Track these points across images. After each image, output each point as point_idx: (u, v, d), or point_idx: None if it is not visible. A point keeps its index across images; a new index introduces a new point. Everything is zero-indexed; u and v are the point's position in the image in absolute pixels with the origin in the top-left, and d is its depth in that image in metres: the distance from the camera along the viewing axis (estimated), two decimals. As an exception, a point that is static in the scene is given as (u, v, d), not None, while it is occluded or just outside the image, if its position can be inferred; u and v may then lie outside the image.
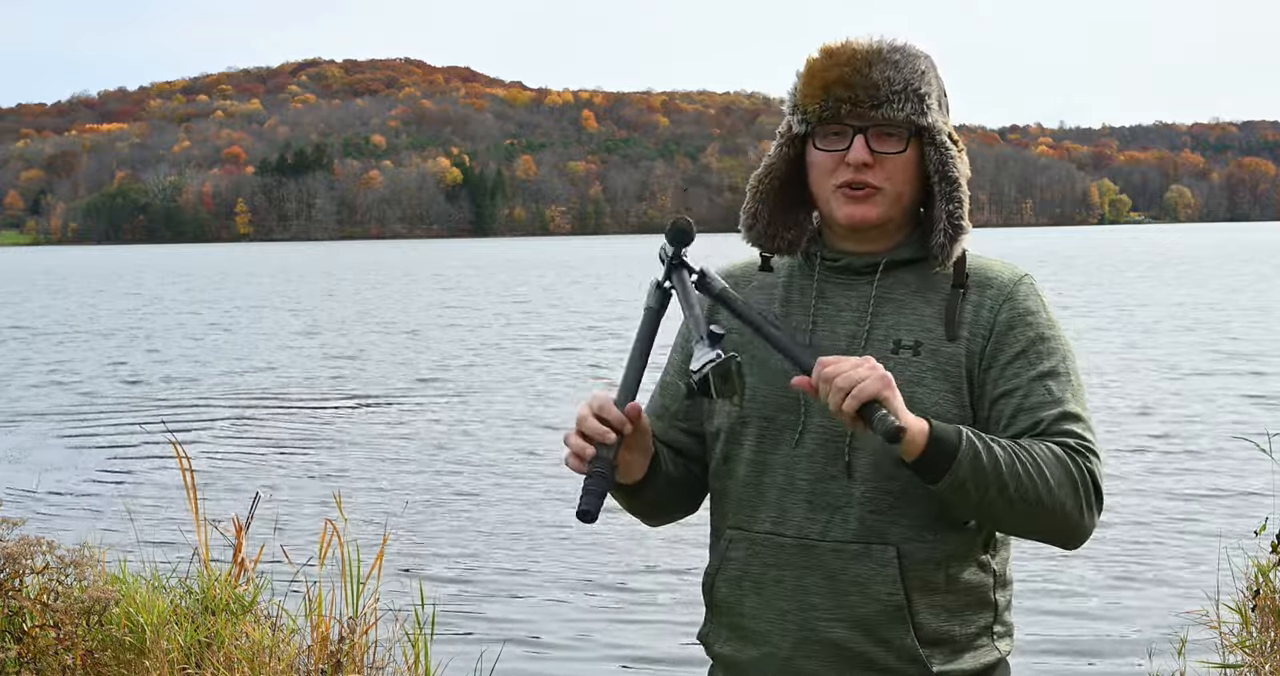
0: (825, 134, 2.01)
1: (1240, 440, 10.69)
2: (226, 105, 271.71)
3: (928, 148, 2.00)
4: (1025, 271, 2.06)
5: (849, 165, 1.98)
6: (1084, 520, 1.93)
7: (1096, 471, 1.93)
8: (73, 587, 4.38)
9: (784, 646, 2.02)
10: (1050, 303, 2.07)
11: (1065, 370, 1.99)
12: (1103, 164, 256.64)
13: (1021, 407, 1.96)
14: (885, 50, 1.98)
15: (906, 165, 2.00)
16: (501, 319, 32.30)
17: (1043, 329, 2.00)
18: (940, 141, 1.99)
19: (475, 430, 14.32)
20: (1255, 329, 24.85)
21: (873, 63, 1.97)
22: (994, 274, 2.04)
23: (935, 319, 2.00)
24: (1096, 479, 1.92)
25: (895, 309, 2.02)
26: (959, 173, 2.00)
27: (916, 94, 1.97)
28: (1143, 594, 7.59)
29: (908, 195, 2.02)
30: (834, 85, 1.97)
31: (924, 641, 1.98)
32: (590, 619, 7.40)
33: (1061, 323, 2.06)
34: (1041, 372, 1.97)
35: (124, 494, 10.77)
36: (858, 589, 1.97)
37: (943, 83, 2.06)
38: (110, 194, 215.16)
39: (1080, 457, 1.92)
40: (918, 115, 1.97)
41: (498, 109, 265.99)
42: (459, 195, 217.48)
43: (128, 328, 31.65)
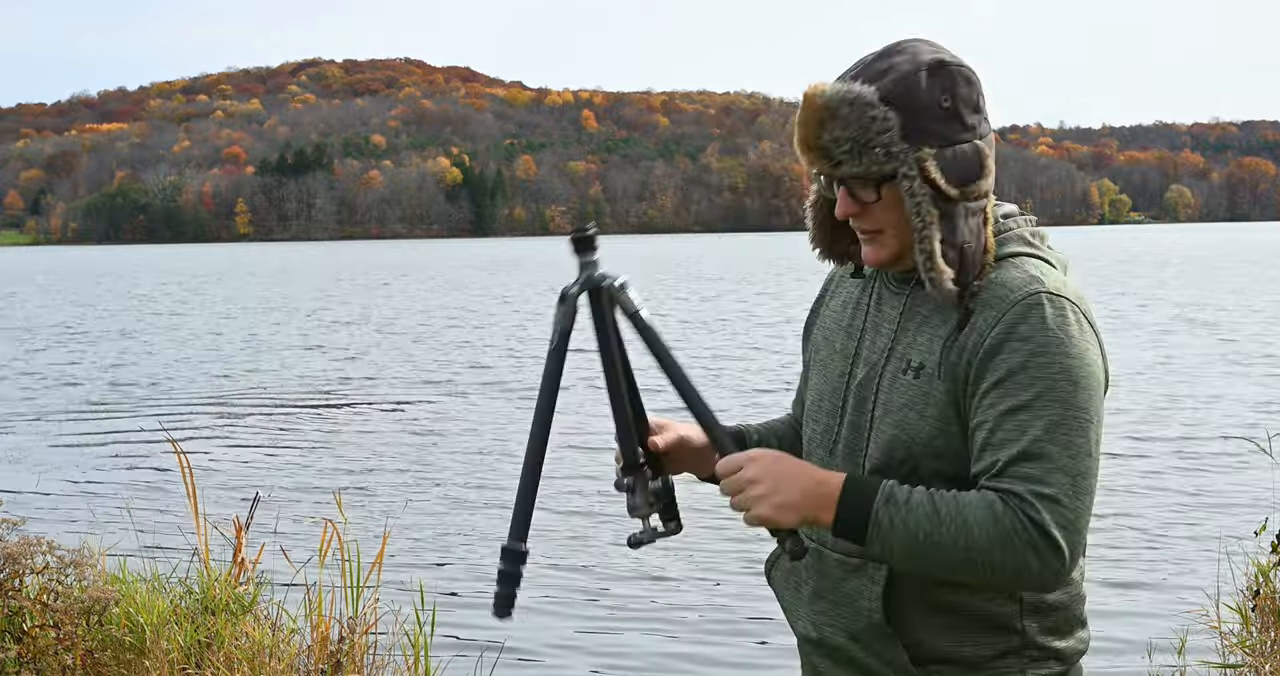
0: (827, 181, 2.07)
1: (1240, 440, 10.70)
2: (226, 105, 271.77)
3: (902, 193, 1.96)
4: (1047, 288, 1.94)
5: (839, 217, 2.03)
6: (1031, 573, 1.86)
7: (1043, 519, 1.84)
8: (73, 587, 4.38)
9: (810, 639, 2.13)
10: (1071, 323, 1.92)
11: (1044, 403, 1.88)
12: (1103, 164, 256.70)
13: (987, 443, 1.90)
14: (835, 105, 1.93)
15: (892, 206, 1.98)
16: (502, 319, 32.30)
17: (1029, 356, 1.89)
18: (906, 188, 1.94)
19: (476, 430, 14.32)
20: (1255, 329, 24.85)
21: (824, 121, 1.94)
22: (1004, 292, 1.95)
23: (941, 341, 1.99)
24: (1043, 527, 1.84)
25: (918, 325, 2.02)
26: (927, 219, 1.93)
27: (868, 147, 1.92)
28: (1143, 593, 7.59)
29: (909, 231, 1.99)
30: (800, 146, 1.99)
31: (926, 658, 2.01)
32: (591, 619, 7.40)
33: (1081, 345, 1.92)
34: (1013, 406, 1.88)
35: (124, 494, 10.77)
36: (849, 602, 2.04)
37: (939, 91, 1.95)
38: (110, 194, 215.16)
39: (1019, 510, 1.85)
40: (878, 165, 1.93)
41: (498, 109, 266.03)
42: (459, 195, 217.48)
43: (128, 328, 31.64)
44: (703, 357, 21.48)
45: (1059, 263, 2.07)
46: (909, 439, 1.98)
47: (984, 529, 1.85)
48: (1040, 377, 1.89)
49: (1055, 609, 2.02)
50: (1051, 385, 1.89)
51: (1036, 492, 1.85)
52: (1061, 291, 1.95)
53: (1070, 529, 1.86)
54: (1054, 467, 1.86)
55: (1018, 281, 1.96)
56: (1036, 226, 2.10)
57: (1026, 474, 1.86)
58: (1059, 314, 1.92)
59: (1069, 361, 1.90)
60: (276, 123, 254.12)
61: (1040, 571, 1.86)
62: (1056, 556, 1.85)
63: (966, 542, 1.86)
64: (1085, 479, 1.88)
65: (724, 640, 6.98)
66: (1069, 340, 1.91)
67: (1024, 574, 1.87)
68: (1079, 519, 1.87)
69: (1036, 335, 1.90)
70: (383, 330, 29.23)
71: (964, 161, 1.96)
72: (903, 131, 1.93)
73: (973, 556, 1.86)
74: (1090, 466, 1.89)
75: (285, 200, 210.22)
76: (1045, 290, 1.94)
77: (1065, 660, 2.04)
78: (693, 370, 20.12)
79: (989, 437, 1.90)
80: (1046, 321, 1.91)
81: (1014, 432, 1.88)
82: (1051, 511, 1.85)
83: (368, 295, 45.64)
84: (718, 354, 22.05)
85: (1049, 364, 1.89)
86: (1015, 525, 1.84)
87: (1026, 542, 1.84)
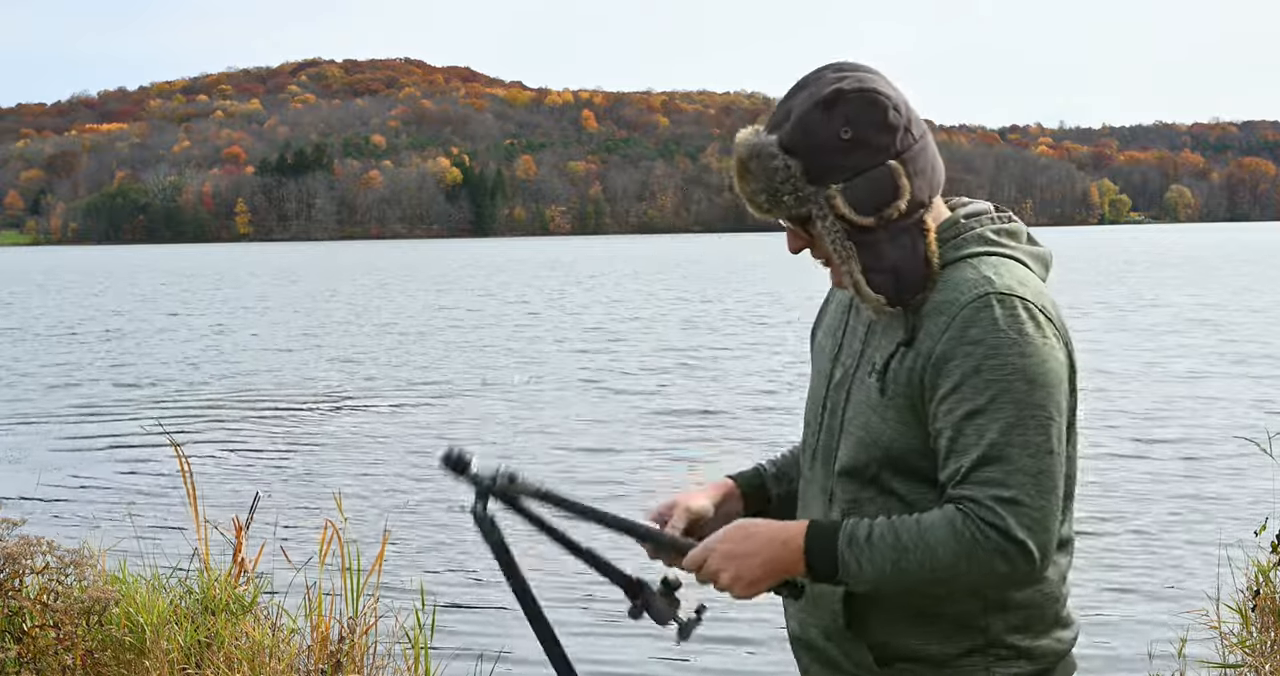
0: None
1: (1241, 440, 10.68)
2: (226, 105, 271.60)
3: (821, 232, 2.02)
4: (996, 288, 1.94)
5: (792, 252, 2.10)
6: (1001, 576, 1.90)
7: (1006, 524, 1.87)
8: (73, 587, 4.38)
9: (795, 637, 2.20)
10: (1023, 320, 1.93)
11: (1000, 405, 1.89)
12: (1103, 164, 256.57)
13: (950, 450, 1.93)
14: (746, 159, 2.02)
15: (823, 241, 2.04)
16: (502, 319, 32.30)
17: (982, 359, 1.90)
18: (820, 229, 2.00)
19: (476, 430, 14.31)
20: (1255, 329, 24.85)
21: (742, 174, 2.03)
22: (954, 295, 1.96)
23: (898, 342, 2.03)
24: (1008, 532, 1.87)
25: (884, 329, 2.06)
26: (844, 253, 2.00)
27: (778, 196, 2.00)
28: (1143, 593, 7.59)
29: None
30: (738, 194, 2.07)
31: (892, 657, 2.03)
32: (591, 619, 7.40)
33: (1035, 342, 1.92)
34: (970, 412, 1.91)
35: (124, 494, 10.78)
36: (823, 603, 2.09)
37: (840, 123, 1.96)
38: (110, 194, 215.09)
39: (980, 519, 1.88)
40: (792, 210, 2.01)
41: (498, 109, 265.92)
42: (459, 195, 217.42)
43: (128, 328, 31.64)
44: (704, 357, 21.49)
45: (1032, 257, 2.08)
46: (873, 441, 2.02)
47: (946, 547, 1.89)
48: (994, 380, 1.91)
49: (1022, 607, 2.01)
50: (1006, 386, 1.90)
51: (997, 497, 1.88)
52: (1013, 290, 1.95)
53: (1036, 528, 1.88)
54: (1014, 469, 1.89)
55: (967, 284, 1.97)
56: (1012, 224, 2.10)
57: (987, 478, 1.89)
58: (1010, 313, 1.92)
59: (1023, 361, 1.91)
60: (276, 123, 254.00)
61: (1010, 573, 1.90)
62: (1025, 558, 1.88)
63: (932, 564, 1.90)
64: (1048, 477, 1.90)
65: (722, 647, 6.97)
66: (1021, 339, 1.91)
67: (994, 578, 1.91)
68: (1046, 517, 1.89)
69: (988, 337, 1.91)
70: (383, 330, 29.24)
71: (876, 186, 1.97)
72: (806, 175, 1.98)
73: (940, 575, 1.91)
74: (1052, 463, 1.91)
75: (285, 200, 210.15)
76: (994, 290, 1.94)
77: (1035, 659, 2.03)
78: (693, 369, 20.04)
79: (950, 445, 1.93)
80: (997, 323, 1.92)
81: (973, 437, 1.91)
82: (1015, 514, 1.88)
83: (368, 295, 45.64)
84: (718, 354, 22.05)
85: (1002, 365, 1.90)
86: (977, 536, 1.88)
87: (992, 551, 1.88)
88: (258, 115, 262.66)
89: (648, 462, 11.98)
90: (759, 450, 11.74)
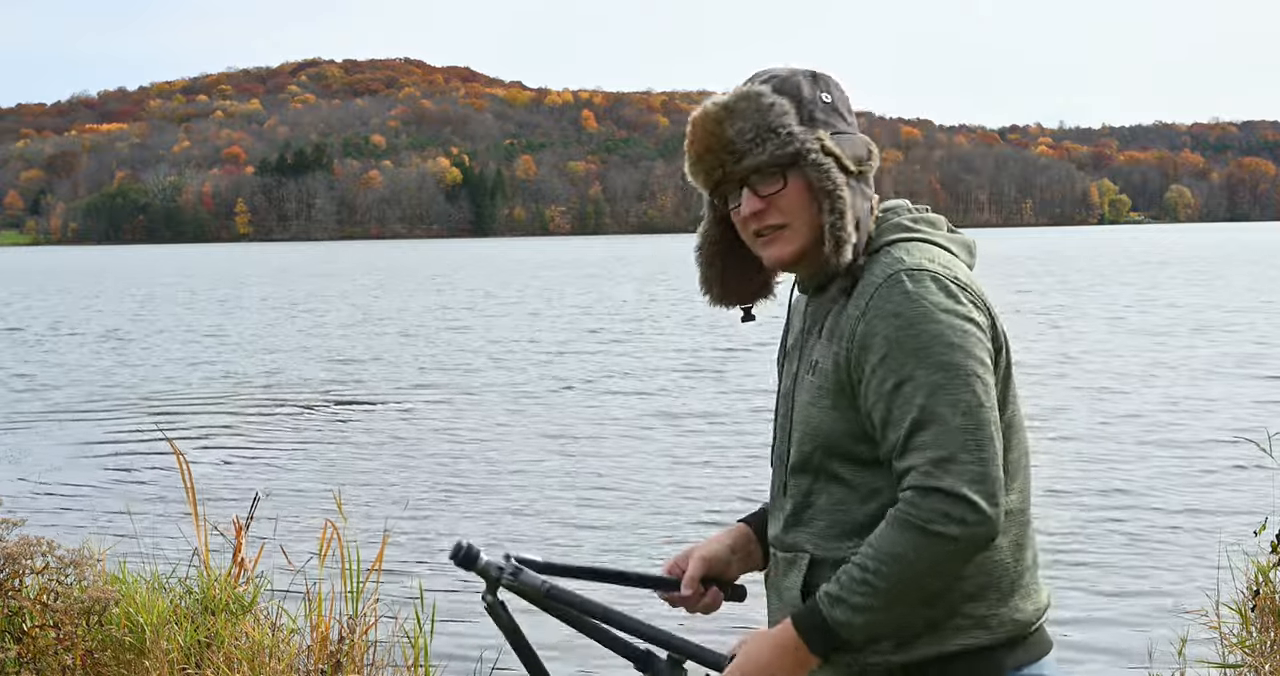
0: (728, 192, 2.15)
1: (1241, 440, 10.69)
2: (226, 105, 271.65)
3: (807, 169, 2.06)
4: (907, 266, 2.02)
5: (746, 217, 2.11)
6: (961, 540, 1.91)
7: (948, 484, 1.91)
8: (73, 587, 4.38)
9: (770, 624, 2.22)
10: (933, 291, 1.99)
11: (923, 370, 1.95)
12: (1103, 164, 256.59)
13: (886, 422, 1.98)
14: (732, 103, 2.07)
15: (797, 195, 2.08)
16: (503, 319, 32.30)
17: (898, 330, 1.98)
18: (812, 160, 2.05)
19: (476, 430, 14.32)
20: (1255, 329, 24.85)
21: (723, 121, 2.07)
22: (871, 279, 2.04)
23: (826, 333, 2.10)
24: (951, 491, 1.90)
25: (819, 328, 2.13)
26: (835, 183, 2.05)
27: (770, 131, 2.06)
28: (1143, 593, 7.59)
29: (815, 220, 2.09)
30: (702, 155, 2.10)
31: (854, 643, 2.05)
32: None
33: (946, 307, 1.97)
34: (896, 383, 1.97)
35: (124, 494, 10.78)
36: (782, 594, 2.15)
37: (819, 89, 2.11)
38: (110, 194, 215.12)
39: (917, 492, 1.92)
40: (780, 148, 2.06)
41: (498, 109, 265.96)
42: (459, 195, 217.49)
43: (127, 328, 31.64)
44: (705, 357, 21.50)
45: (954, 243, 2.15)
46: (814, 432, 2.08)
47: (902, 543, 1.93)
48: (914, 348, 1.97)
49: (973, 575, 2.02)
50: (926, 352, 1.96)
51: (934, 459, 1.93)
52: (922, 266, 2.02)
53: (980, 480, 1.92)
54: (946, 429, 1.93)
55: (881, 267, 2.05)
56: (929, 214, 2.18)
57: (923, 442, 1.94)
58: (919, 285, 2.00)
59: (937, 327, 1.97)
60: (276, 123, 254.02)
61: (964, 532, 1.92)
62: (972, 510, 1.91)
63: (901, 567, 1.94)
64: (983, 429, 1.94)
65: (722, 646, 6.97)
66: (933, 307, 1.98)
67: (957, 546, 1.92)
68: (987, 469, 1.93)
69: (903, 310, 1.99)
70: (383, 330, 29.24)
71: (855, 146, 2.10)
72: (798, 117, 2.07)
73: (918, 571, 1.94)
74: (985, 416, 1.95)
75: (285, 200, 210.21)
76: (904, 267, 2.02)
77: (993, 629, 2.04)
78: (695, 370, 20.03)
79: (885, 418, 1.99)
80: (909, 295, 1.99)
81: (904, 407, 1.96)
82: (953, 472, 1.92)
83: (368, 295, 45.64)
84: (719, 354, 22.06)
85: (918, 334, 1.97)
86: (921, 515, 1.92)
87: (939, 516, 1.91)
88: (258, 115, 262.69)
89: (649, 464, 11.98)
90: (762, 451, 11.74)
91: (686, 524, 9.45)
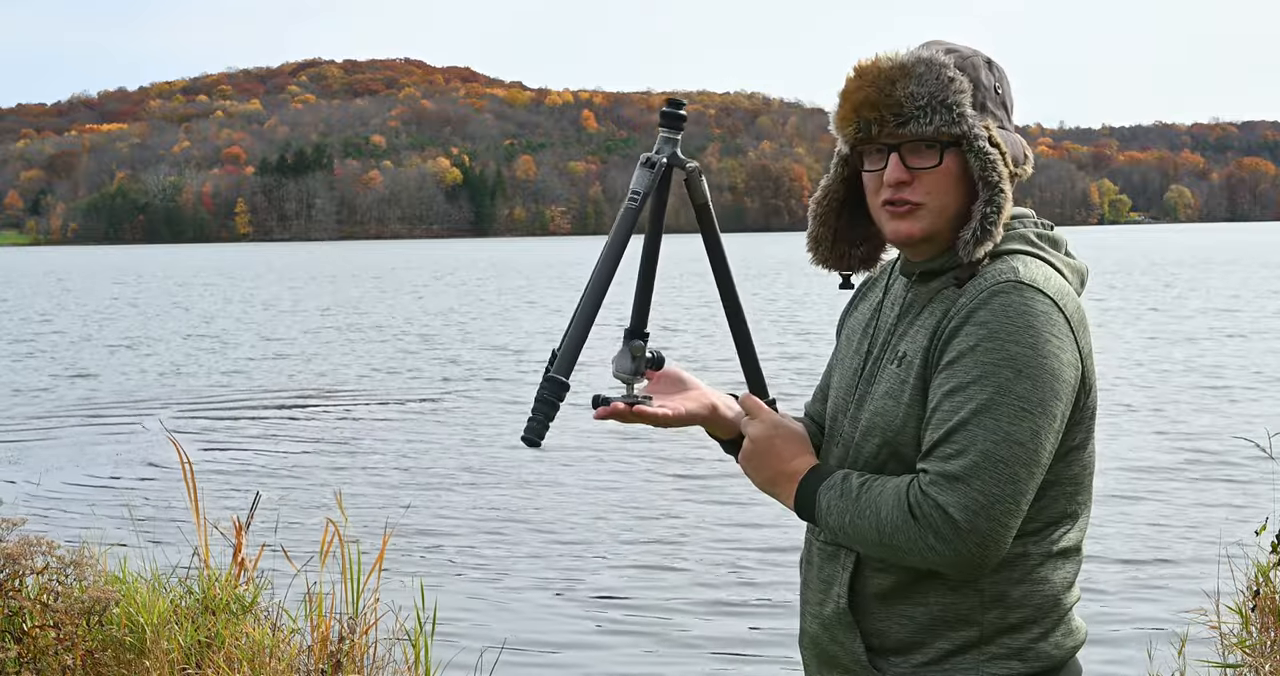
0: (868, 153, 2.05)
1: (1241, 440, 10.70)
2: (226, 105, 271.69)
3: (968, 155, 1.99)
4: (1022, 278, 1.94)
5: (888, 184, 2.02)
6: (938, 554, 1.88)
7: (944, 500, 1.86)
8: (73, 587, 4.38)
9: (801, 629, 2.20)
10: (1035, 313, 1.91)
11: (981, 386, 1.88)
12: (1103, 164, 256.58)
13: (929, 422, 1.94)
14: (910, 64, 1.98)
15: (945, 177, 2.00)
16: (504, 318, 32.30)
17: (980, 340, 1.90)
18: (979, 148, 1.98)
19: (477, 430, 14.32)
20: (1255, 329, 24.85)
21: (896, 80, 1.98)
22: (981, 283, 1.96)
23: (927, 332, 2.02)
24: (944, 508, 1.86)
25: (911, 319, 2.07)
26: (1000, 176, 1.98)
27: (944, 105, 1.97)
28: (1143, 593, 7.59)
29: (953, 206, 2.02)
30: (862, 107, 2.00)
31: (886, 648, 2.03)
32: (590, 619, 7.40)
33: (1040, 336, 1.89)
34: (954, 387, 1.91)
35: (124, 494, 10.77)
36: (825, 587, 2.10)
37: (994, 79, 2.06)
38: (110, 194, 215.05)
39: (923, 490, 1.89)
40: (948, 126, 1.97)
41: (498, 109, 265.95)
42: (459, 195, 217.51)
43: (128, 327, 31.64)
44: (705, 357, 21.49)
45: (1069, 268, 2.07)
46: (885, 425, 2.02)
47: (890, 513, 1.92)
48: (984, 361, 1.90)
49: (1021, 605, 1.99)
50: (994, 369, 1.89)
51: (944, 472, 1.88)
52: (1036, 283, 1.94)
53: (978, 512, 1.85)
54: (971, 449, 1.87)
55: (995, 272, 1.97)
56: (1053, 231, 2.11)
57: (944, 454, 1.89)
58: (1024, 303, 1.92)
59: (1018, 349, 1.90)
60: (276, 123, 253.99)
61: (944, 551, 1.87)
62: (959, 536, 1.86)
63: (877, 526, 1.93)
64: (1007, 465, 1.87)
65: (724, 645, 6.98)
66: (1025, 329, 1.90)
67: (931, 555, 1.89)
68: (993, 505, 1.86)
69: (992, 320, 1.91)
70: (383, 330, 29.23)
71: (1013, 146, 2.04)
72: (972, 100, 2.00)
73: (884, 539, 1.93)
74: (1018, 454, 1.87)
75: (285, 200, 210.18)
76: (1016, 279, 1.94)
77: (1028, 661, 2.00)
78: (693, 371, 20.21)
79: (931, 416, 1.94)
80: (1007, 308, 1.91)
81: (948, 413, 1.91)
82: (954, 492, 1.86)
83: (368, 295, 45.64)
84: (719, 354, 22.05)
85: (996, 349, 1.90)
86: (917, 510, 1.89)
87: (926, 525, 1.88)
88: (258, 115, 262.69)
89: (653, 465, 11.98)
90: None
91: (689, 516, 9.46)
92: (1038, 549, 1.98)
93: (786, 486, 2.08)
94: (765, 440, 2.10)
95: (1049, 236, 2.09)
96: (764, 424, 2.11)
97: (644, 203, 2.08)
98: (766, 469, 2.10)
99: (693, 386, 2.22)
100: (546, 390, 2.02)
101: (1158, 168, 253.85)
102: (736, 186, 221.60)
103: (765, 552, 8.54)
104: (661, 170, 2.09)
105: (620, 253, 2.11)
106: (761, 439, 2.11)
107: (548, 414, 2.01)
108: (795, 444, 2.11)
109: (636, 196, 2.08)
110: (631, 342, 2.15)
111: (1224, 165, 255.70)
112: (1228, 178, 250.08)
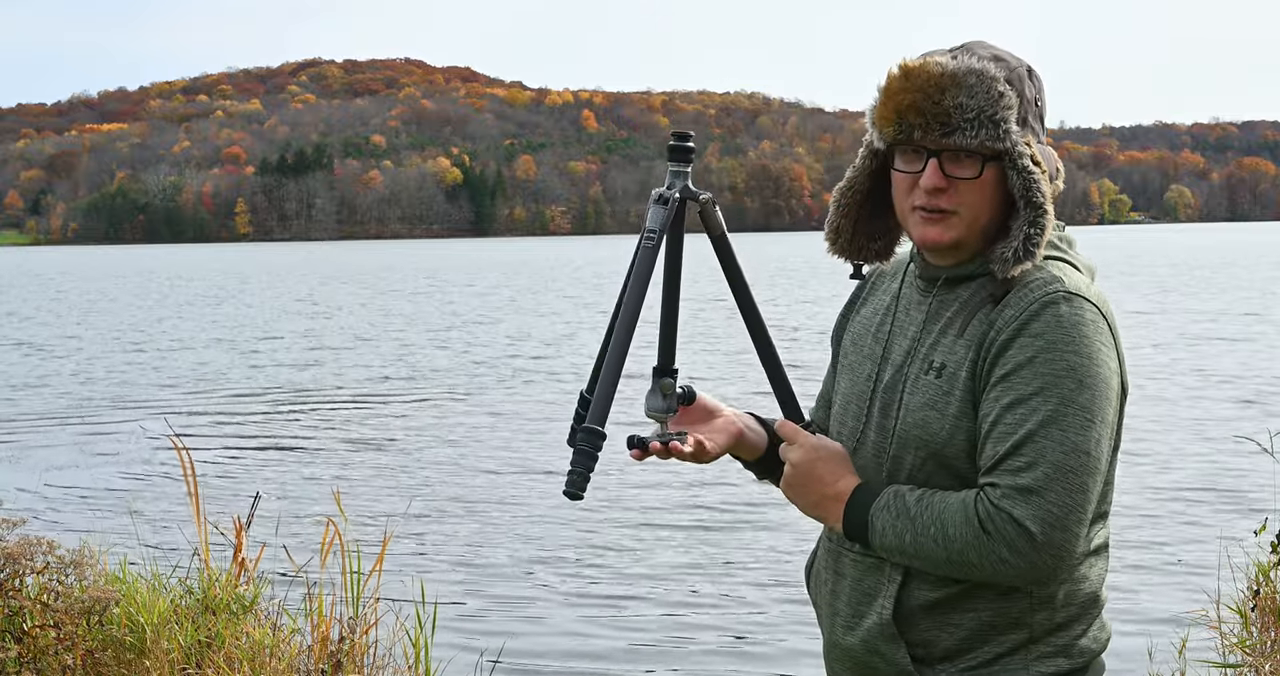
0: (903, 152, 2.03)
1: (1241, 439, 10.69)
2: (226, 105, 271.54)
3: (1009, 171, 1.98)
4: (1066, 287, 1.95)
5: (924, 189, 2.00)
6: (1011, 568, 1.89)
7: (1019, 513, 1.86)
8: (73, 587, 4.38)
9: (829, 642, 2.18)
10: (1086, 323, 1.93)
11: (1045, 397, 1.89)
12: (1103, 164, 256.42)
13: (988, 436, 1.93)
14: (961, 74, 1.94)
15: (982, 189, 1.99)
16: (505, 318, 32.29)
17: (1038, 351, 1.91)
18: (1022, 165, 1.96)
19: (477, 430, 14.31)
20: (1255, 328, 24.85)
21: (945, 89, 1.95)
22: (1026, 292, 1.96)
23: (965, 342, 2.00)
24: (1019, 521, 1.86)
25: (943, 326, 2.05)
26: (1044, 196, 1.96)
27: (991, 120, 1.95)
28: (1143, 593, 7.59)
29: (984, 218, 2.01)
30: (907, 110, 1.97)
31: (934, 658, 2.02)
32: (590, 619, 7.40)
33: (1094, 346, 1.92)
34: (1014, 400, 1.91)
35: (124, 494, 10.77)
36: (866, 600, 2.07)
37: (1035, 90, 2.03)
38: (110, 194, 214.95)
39: (995, 505, 1.88)
40: (993, 140, 1.95)
41: (498, 109, 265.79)
42: (459, 195, 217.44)
43: (128, 327, 31.64)
44: (706, 356, 21.48)
45: (1085, 267, 2.08)
46: (929, 438, 2.00)
47: (959, 529, 1.90)
48: (1045, 373, 1.90)
49: (1067, 604, 2.02)
50: (1055, 380, 1.90)
51: (1016, 485, 1.88)
52: (1081, 292, 1.96)
53: (1053, 523, 1.87)
54: (1043, 461, 1.88)
55: (1039, 281, 1.97)
56: (1066, 230, 2.12)
57: (1015, 467, 1.89)
58: (1075, 313, 1.93)
59: (1077, 359, 1.91)
60: (276, 123, 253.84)
61: (1019, 564, 1.88)
62: (1034, 549, 1.87)
63: (945, 544, 1.91)
64: (1077, 475, 1.89)
65: (726, 645, 6.97)
66: (1081, 339, 1.92)
67: (1003, 568, 1.89)
68: (1067, 515, 1.88)
69: (1048, 332, 1.91)
70: (383, 330, 29.23)
71: (1048, 161, 2.03)
72: (1018, 116, 1.98)
73: (952, 557, 1.92)
74: (1085, 463, 1.89)
75: (285, 200, 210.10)
76: (1064, 289, 1.95)
77: (1073, 657, 2.03)
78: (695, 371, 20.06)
79: (990, 430, 1.93)
80: (1060, 319, 1.92)
81: (1012, 426, 1.90)
82: (1030, 504, 1.87)
83: (369, 295, 45.63)
84: (720, 354, 22.05)
85: (1056, 360, 1.90)
86: (988, 524, 1.88)
87: (1000, 539, 1.87)
88: (258, 115, 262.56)
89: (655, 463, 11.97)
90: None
91: (692, 516, 9.46)
92: (1080, 548, 1.99)
93: (834, 509, 2.05)
94: (807, 464, 2.07)
95: (1066, 238, 2.10)
96: (803, 448, 2.08)
97: (660, 239, 2.07)
98: (811, 493, 2.07)
99: (719, 414, 2.21)
100: (584, 441, 1.98)
101: (1158, 167, 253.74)
102: (736, 186, 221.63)
103: (774, 562, 8.54)
104: (675, 205, 2.08)
105: (643, 293, 2.07)
106: (803, 463, 2.07)
107: (588, 466, 1.98)
108: (837, 465, 2.07)
109: (653, 235, 2.06)
110: (661, 380, 2.14)
111: (1224, 165, 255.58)
112: (1228, 178, 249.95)
